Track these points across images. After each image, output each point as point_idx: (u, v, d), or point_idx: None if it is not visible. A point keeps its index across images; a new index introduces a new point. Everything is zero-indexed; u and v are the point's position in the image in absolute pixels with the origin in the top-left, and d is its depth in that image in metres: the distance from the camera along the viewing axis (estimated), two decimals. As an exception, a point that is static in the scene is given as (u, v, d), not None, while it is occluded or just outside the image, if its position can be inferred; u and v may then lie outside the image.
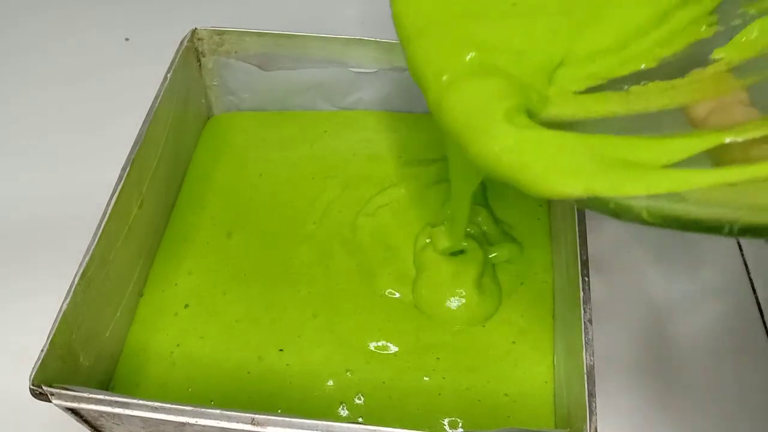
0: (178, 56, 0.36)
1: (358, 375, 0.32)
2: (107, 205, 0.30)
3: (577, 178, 0.19)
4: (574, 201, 0.19)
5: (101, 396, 0.25)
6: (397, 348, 0.33)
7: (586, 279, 0.28)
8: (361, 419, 0.31)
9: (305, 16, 0.52)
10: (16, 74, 0.48)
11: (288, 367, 0.32)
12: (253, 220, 0.38)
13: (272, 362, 0.32)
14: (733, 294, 0.37)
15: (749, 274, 0.38)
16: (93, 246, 0.28)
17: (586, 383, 0.25)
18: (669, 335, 0.36)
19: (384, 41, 0.38)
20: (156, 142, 0.34)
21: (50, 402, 0.25)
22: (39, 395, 0.25)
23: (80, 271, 0.28)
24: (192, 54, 0.39)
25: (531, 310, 0.34)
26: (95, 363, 0.30)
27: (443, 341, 0.33)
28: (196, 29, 0.38)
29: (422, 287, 0.34)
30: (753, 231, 0.16)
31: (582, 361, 0.26)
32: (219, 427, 0.24)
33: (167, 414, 0.24)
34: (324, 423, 0.24)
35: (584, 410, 0.25)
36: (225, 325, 0.33)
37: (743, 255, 0.39)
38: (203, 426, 0.24)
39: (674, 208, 0.18)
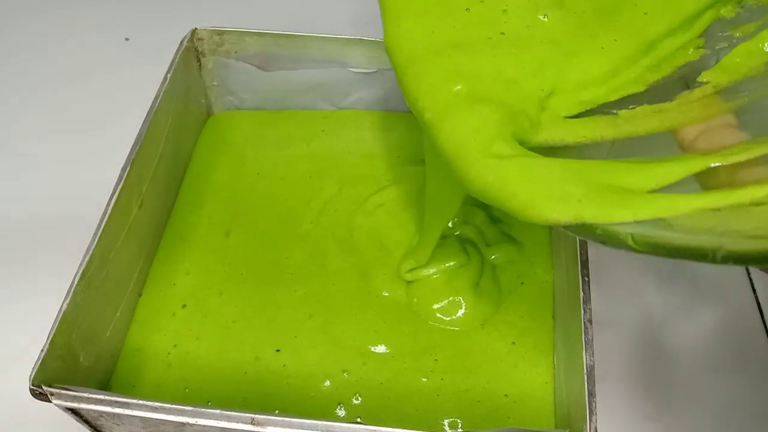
0: (178, 56, 0.36)
1: (355, 376, 0.32)
2: (107, 205, 0.30)
3: (566, 205, 0.19)
4: (562, 227, 0.19)
5: (101, 396, 0.25)
6: (394, 349, 0.33)
7: (586, 279, 0.28)
8: (360, 419, 0.31)
9: (305, 16, 0.52)
10: (16, 74, 0.48)
11: (284, 368, 0.32)
12: (251, 220, 0.38)
13: (269, 363, 0.32)
14: (733, 295, 0.37)
15: (749, 275, 0.38)
16: (93, 246, 0.28)
17: (586, 383, 0.25)
18: (669, 335, 0.36)
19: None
20: (156, 142, 0.34)
21: (50, 402, 0.25)
22: (39, 395, 0.25)
23: (80, 271, 0.28)
24: (192, 54, 0.39)
25: (531, 311, 0.34)
26: (95, 363, 0.30)
27: (441, 343, 0.33)
28: (196, 29, 0.38)
29: (417, 293, 0.34)
30: (736, 258, 0.16)
31: (582, 361, 0.26)
32: (219, 427, 0.24)
33: (167, 414, 0.24)
34: (324, 423, 0.24)
35: (584, 410, 0.25)
36: (221, 326, 0.33)
37: (743, 255, 0.39)
38: (203, 426, 0.24)
39: (660, 235, 0.18)
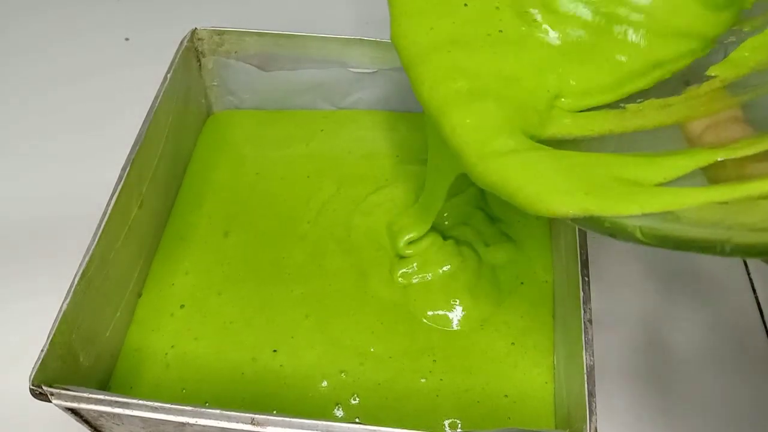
0: (178, 56, 0.36)
1: (353, 376, 0.32)
2: (107, 205, 0.30)
3: (573, 198, 0.19)
4: (570, 220, 0.19)
5: (101, 396, 0.25)
6: (392, 350, 0.33)
7: (586, 279, 0.28)
8: (358, 419, 0.31)
9: (305, 16, 0.52)
10: (16, 74, 0.48)
11: (282, 368, 0.32)
12: (250, 220, 0.38)
13: (266, 363, 0.32)
14: (733, 295, 0.37)
15: (749, 275, 0.38)
16: (93, 246, 0.28)
17: (586, 383, 0.25)
18: (669, 335, 0.36)
19: (384, 41, 0.38)
20: (156, 143, 0.34)
21: (50, 402, 0.25)
22: (39, 395, 0.25)
23: (80, 271, 0.28)
24: (192, 54, 0.39)
25: (531, 311, 0.34)
26: (95, 363, 0.30)
27: (439, 343, 0.33)
28: (196, 29, 0.38)
29: (414, 295, 0.34)
30: (744, 251, 0.16)
31: (582, 361, 0.26)
32: (219, 427, 0.24)
33: (167, 414, 0.24)
34: (324, 423, 0.24)
35: (584, 410, 0.25)
36: (219, 326, 0.33)
37: (743, 255, 0.39)
38: (203, 426, 0.24)
39: (668, 228, 0.18)
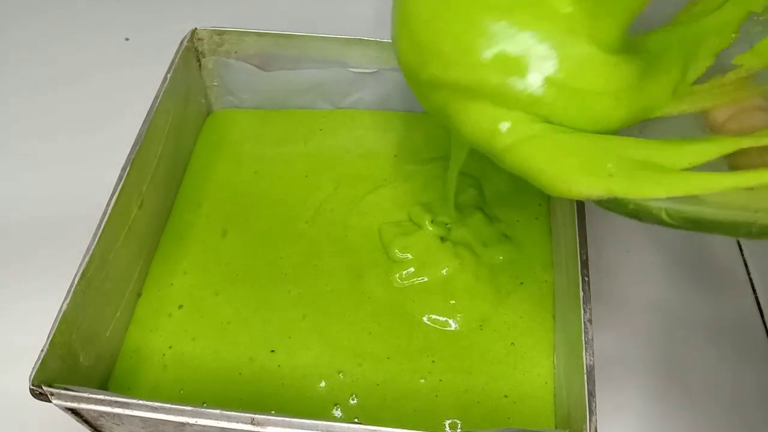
0: (178, 56, 0.36)
1: (351, 376, 0.32)
2: (107, 205, 0.30)
3: (598, 179, 0.19)
4: (594, 201, 0.20)
5: (101, 396, 0.25)
6: (390, 351, 0.32)
7: (586, 279, 0.28)
8: (357, 420, 0.30)
9: (305, 16, 0.52)
10: (17, 74, 0.48)
11: (279, 368, 0.32)
12: (247, 219, 0.38)
13: (264, 363, 0.32)
14: (734, 295, 0.37)
15: (749, 275, 0.38)
16: (93, 246, 0.28)
17: (586, 383, 0.25)
18: (668, 335, 0.36)
19: (384, 41, 0.38)
20: (156, 142, 0.34)
21: (50, 402, 0.25)
22: (39, 395, 0.25)
23: (80, 271, 0.28)
24: (192, 54, 0.39)
25: (531, 311, 0.34)
26: (95, 363, 0.30)
27: (438, 344, 0.33)
28: (196, 29, 0.38)
29: (412, 296, 0.34)
30: None
31: (582, 361, 0.26)
32: (219, 427, 0.24)
33: (167, 414, 0.24)
34: (324, 423, 0.24)
35: (584, 410, 0.25)
36: (216, 327, 0.33)
37: (743, 255, 0.39)
38: (203, 426, 0.24)
39: (693, 210, 0.18)
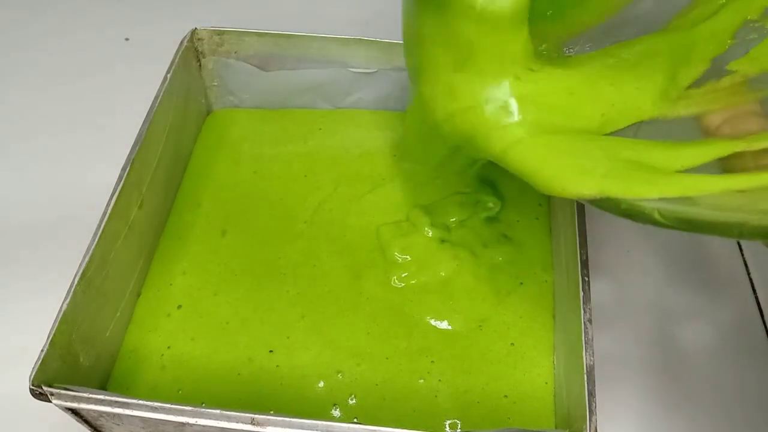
0: (178, 56, 0.36)
1: (350, 377, 0.32)
2: (107, 205, 0.30)
3: (591, 178, 0.20)
4: (587, 201, 0.20)
5: (101, 396, 0.25)
6: (388, 351, 0.32)
7: (586, 279, 0.28)
8: (356, 420, 0.30)
9: (305, 16, 0.52)
10: (16, 74, 0.48)
11: (278, 368, 0.32)
12: (246, 219, 0.37)
13: (262, 363, 0.32)
14: (734, 295, 0.37)
15: (749, 275, 0.38)
16: (93, 246, 0.28)
17: (586, 383, 0.25)
18: (669, 335, 0.36)
19: (384, 41, 0.38)
20: (156, 143, 0.34)
21: (50, 402, 0.25)
22: (39, 395, 0.25)
23: (80, 271, 0.28)
24: (192, 54, 0.39)
25: (531, 311, 0.34)
26: (95, 363, 0.30)
27: (437, 345, 0.33)
28: (196, 29, 0.38)
29: (411, 297, 0.34)
30: (762, 234, 0.16)
31: (582, 361, 0.26)
32: (219, 427, 0.24)
33: (167, 414, 0.24)
34: (324, 423, 0.24)
35: (584, 410, 0.25)
36: (215, 327, 0.33)
37: (743, 255, 0.39)
38: (203, 426, 0.24)
39: (686, 211, 0.18)
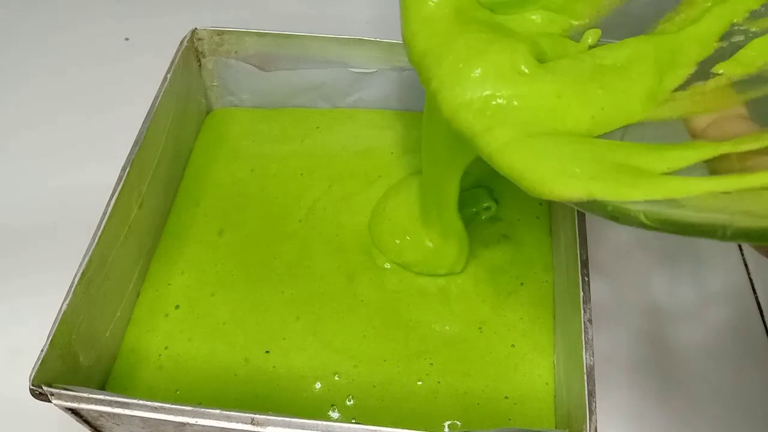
0: (178, 56, 0.36)
1: (347, 378, 0.31)
2: (107, 205, 0.30)
3: (577, 181, 0.20)
4: (574, 203, 0.20)
5: (101, 396, 0.25)
6: (386, 353, 0.32)
7: (586, 279, 0.28)
8: (355, 420, 0.30)
9: (305, 16, 0.52)
10: (16, 74, 0.48)
11: (275, 369, 0.32)
12: (243, 218, 0.37)
13: (259, 364, 0.32)
14: (734, 295, 0.37)
15: (749, 275, 0.38)
16: (93, 246, 0.28)
17: (586, 383, 0.25)
18: (669, 336, 0.36)
19: (384, 41, 0.38)
20: (156, 143, 0.34)
21: (50, 402, 0.25)
22: (39, 395, 0.25)
23: (80, 271, 0.28)
24: (192, 54, 0.39)
25: (531, 311, 0.34)
26: (95, 363, 0.30)
27: (436, 347, 0.32)
28: (196, 29, 0.38)
29: (407, 300, 0.34)
30: (745, 235, 0.17)
31: (582, 361, 0.26)
32: (219, 427, 0.24)
33: (167, 414, 0.24)
34: (324, 423, 0.24)
35: (584, 410, 0.25)
36: (212, 327, 0.33)
37: (743, 256, 0.39)
38: (203, 426, 0.24)
39: (671, 213, 0.18)
